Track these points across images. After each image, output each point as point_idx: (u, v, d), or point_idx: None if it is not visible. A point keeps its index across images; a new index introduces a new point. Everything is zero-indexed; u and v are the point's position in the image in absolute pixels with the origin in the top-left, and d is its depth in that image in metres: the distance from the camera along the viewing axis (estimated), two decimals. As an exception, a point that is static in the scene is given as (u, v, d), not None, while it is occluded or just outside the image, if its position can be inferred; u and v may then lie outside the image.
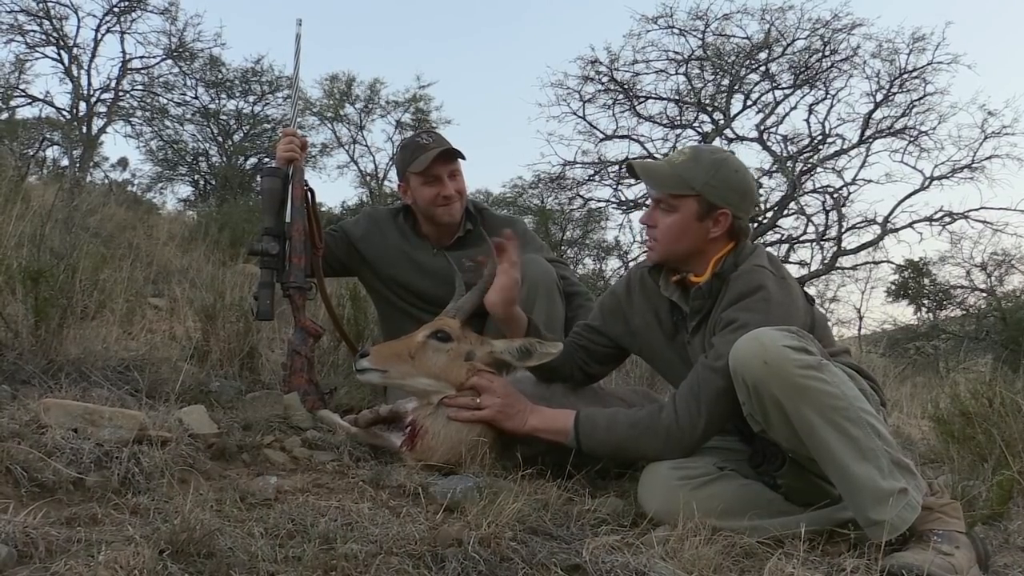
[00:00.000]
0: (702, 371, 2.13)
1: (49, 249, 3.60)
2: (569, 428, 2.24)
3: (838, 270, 13.78)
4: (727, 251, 2.28)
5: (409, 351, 2.40)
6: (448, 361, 2.39)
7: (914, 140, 12.92)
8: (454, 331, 2.42)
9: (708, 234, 2.26)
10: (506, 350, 2.41)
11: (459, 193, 3.15)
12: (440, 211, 3.14)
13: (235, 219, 8.86)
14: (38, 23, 12.72)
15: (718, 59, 13.41)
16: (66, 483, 1.74)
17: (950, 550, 1.86)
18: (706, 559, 1.70)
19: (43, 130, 13.90)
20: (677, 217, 2.26)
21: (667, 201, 2.27)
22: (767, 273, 2.18)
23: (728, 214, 2.25)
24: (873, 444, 1.88)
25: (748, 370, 1.93)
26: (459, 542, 1.61)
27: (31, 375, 2.59)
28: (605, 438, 2.21)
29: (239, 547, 1.49)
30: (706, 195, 2.22)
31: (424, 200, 3.15)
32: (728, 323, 2.13)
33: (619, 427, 2.20)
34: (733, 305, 2.15)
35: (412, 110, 16.68)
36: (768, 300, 2.12)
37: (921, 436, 3.93)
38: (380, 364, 2.39)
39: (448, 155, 3.12)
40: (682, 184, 2.24)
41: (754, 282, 2.15)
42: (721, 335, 2.13)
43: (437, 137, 3.20)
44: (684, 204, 2.25)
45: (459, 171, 3.18)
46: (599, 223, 15.08)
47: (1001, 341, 11.21)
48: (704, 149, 2.33)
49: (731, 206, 2.24)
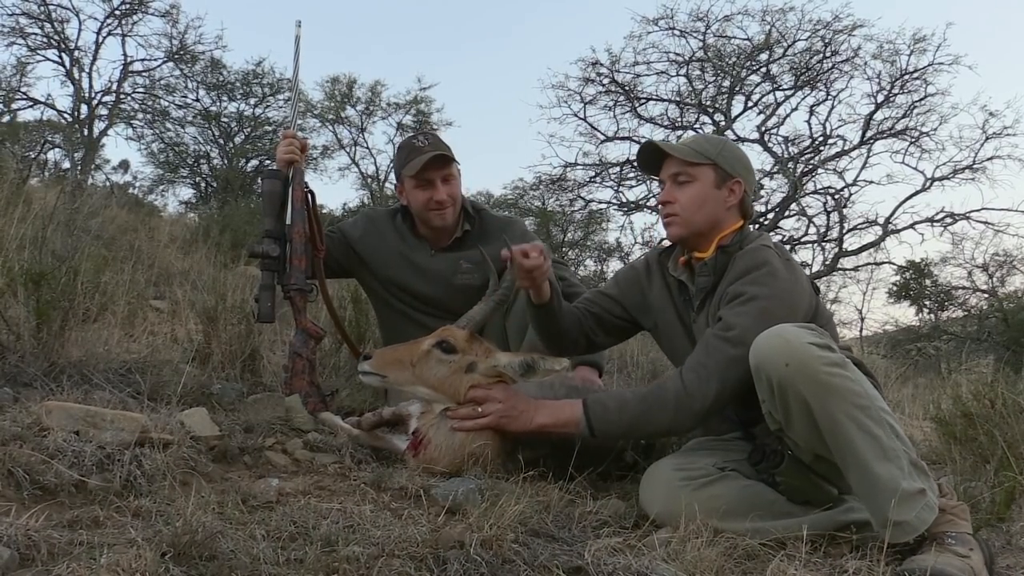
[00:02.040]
0: (712, 340, 2.15)
1: (51, 252, 3.60)
2: (579, 417, 2.22)
3: (839, 271, 13.80)
4: (735, 228, 2.36)
5: (411, 359, 2.37)
6: (449, 374, 2.34)
7: (915, 141, 12.95)
8: (459, 343, 2.37)
9: (725, 204, 2.36)
10: (509, 365, 2.37)
11: (452, 197, 3.12)
12: (432, 215, 3.12)
13: (236, 221, 8.87)
14: (40, 26, 12.77)
15: (719, 60, 13.43)
16: (68, 486, 1.74)
17: (966, 552, 1.86)
18: (708, 561, 1.70)
19: (44, 133, 13.93)
20: (697, 186, 2.35)
21: (685, 172, 2.36)
22: (772, 252, 2.24)
23: (741, 184, 2.36)
24: (894, 444, 1.88)
25: (772, 367, 1.92)
26: (461, 544, 1.61)
27: (33, 378, 2.60)
28: (617, 419, 2.19)
29: (241, 549, 1.49)
30: (720, 164, 2.35)
31: (417, 203, 3.14)
32: (735, 296, 2.17)
33: (629, 405, 2.19)
34: (739, 279, 2.20)
35: (413, 112, 16.73)
36: (774, 275, 2.17)
37: (923, 437, 3.92)
38: (381, 369, 2.38)
39: (442, 159, 3.08)
40: (698, 154, 2.36)
41: (760, 257, 2.22)
42: (729, 307, 2.17)
43: (434, 140, 3.17)
44: (701, 172, 2.35)
45: (453, 175, 3.13)
46: (600, 225, 15.13)
47: (1003, 342, 11.20)
48: (706, 134, 2.41)
49: (742, 177, 2.37)
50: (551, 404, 2.30)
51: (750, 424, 2.21)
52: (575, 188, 14.65)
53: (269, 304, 2.91)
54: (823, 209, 13.67)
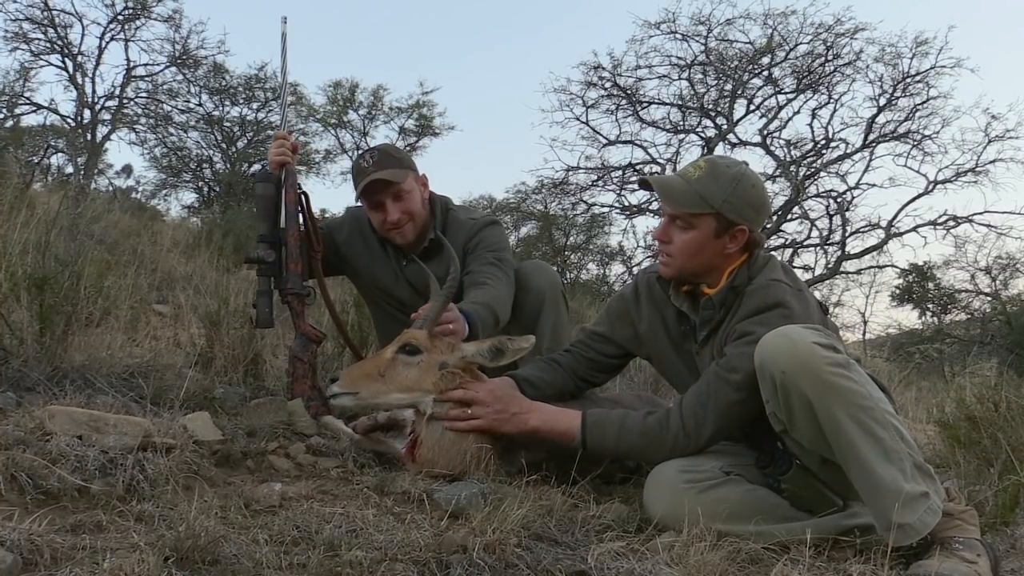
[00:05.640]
0: (714, 381, 2.14)
1: (54, 256, 3.60)
2: (575, 431, 2.23)
3: (842, 274, 13.80)
4: (740, 263, 2.27)
5: (379, 369, 2.35)
6: (420, 374, 2.33)
7: (918, 144, 12.96)
8: (422, 343, 2.36)
9: (724, 250, 2.24)
10: (477, 352, 2.37)
11: (407, 214, 2.99)
12: (391, 235, 3.04)
13: (239, 225, 8.87)
14: (43, 31, 12.78)
15: (721, 64, 13.44)
16: (71, 490, 1.75)
17: (973, 558, 1.85)
18: (711, 565, 1.70)
19: (48, 138, 13.95)
20: (694, 234, 2.22)
21: (684, 219, 2.23)
22: (784, 287, 2.18)
23: (745, 231, 2.23)
24: (898, 446, 1.87)
25: (776, 366, 1.92)
26: (464, 548, 1.61)
27: (36, 382, 2.60)
28: (614, 445, 2.23)
29: (244, 554, 1.49)
30: (724, 213, 2.18)
31: (375, 223, 3.06)
32: (743, 335, 2.12)
33: (628, 436, 2.20)
34: (750, 318, 2.14)
35: (415, 116, 16.73)
36: (790, 317, 2.09)
37: (927, 441, 3.90)
38: (351, 387, 2.35)
39: (383, 183, 2.92)
40: (700, 202, 2.19)
41: (772, 297, 2.15)
42: (735, 345, 2.13)
43: (380, 157, 2.99)
44: (702, 222, 2.21)
45: (404, 191, 2.97)
46: (602, 228, 15.11)
47: (1006, 345, 11.18)
48: (721, 163, 2.25)
49: (748, 222, 2.22)
50: (549, 411, 2.30)
51: (757, 441, 2.20)
52: (577, 192, 14.68)
53: (267, 310, 2.90)
54: (826, 212, 13.69)
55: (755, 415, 2.07)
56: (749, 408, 2.08)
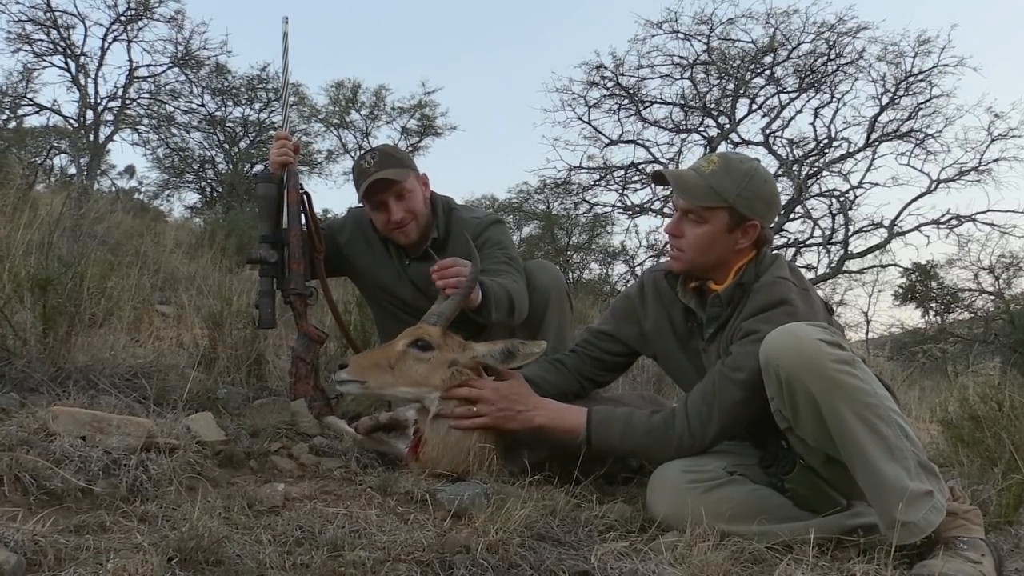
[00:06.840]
0: (719, 380, 2.13)
1: (57, 257, 3.61)
2: (580, 428, 2.23)
3: (845, 273, 13.81)
4: (748, 260, 2.27)
5: (389, 361, 2.34)
6: (430, 370, 2.33)
7: (920, 143, 12.95)
8: (435, 339, 2.36)
9: (735, 245, 2.24)
10: (488, 353, 2.37)
11: (410, 213, 2.98)
12: (394, 235, 3.03)
13: (242, 226, 8.88)
14: (45, 32, 12.79)
15: (723, 63, 13.43)
16: (74, 491, 1.75)
17: (978, 558, 1.85)
18: (715, 565, 1.69)
19: (50, 138, 13.95)
20: (707, 228, 2.22)
21: (697, 212, 2.23)
22: (790, 285, 2.17)
23: (757, 226, 2.24)
24: (902, 444, 1.86)
25: (781, 362, 1.92)
26: (467, 549, 1.61)
27: (39, 383, 2.60)
28: (619, 444, 2.23)
29: (247, 554, 1.49)
30: (737, 207, 2.19)
31: (378, 224, 3.06)
32: (748, 333, 2.12)
33: (634, 435, 2.20)
34: (755, 316, 2.14)
35: (417, 116, 16.74)
36: (793, 316, 2.08)
37: (930, 440, 3.90)
38: (359, 375, 2.34)
39: (386, 182, 2.92)
40: (714, 196, 2.19)
41: (777, 295, 2.14)
42: (740, 344, 2.13)
43: (381, 157, 2.98)
44: (715, 216, 2.21)
45: (407, 190, 2.96)
46: (605, 228, 15.12)
47: (1010, 344, 11.14)
48: (734, 158, 2.26)
49: (760, 217, 2.23)
50: (554, 408, 2.30)
51: (761, 440, 2.20)
52: (580, 191, 14.68)
53: (269, 310, 2.91)
54: (828, 211, 13.69)
55: (760, 414, 2.07)
56: (754, 407, 2.08)
